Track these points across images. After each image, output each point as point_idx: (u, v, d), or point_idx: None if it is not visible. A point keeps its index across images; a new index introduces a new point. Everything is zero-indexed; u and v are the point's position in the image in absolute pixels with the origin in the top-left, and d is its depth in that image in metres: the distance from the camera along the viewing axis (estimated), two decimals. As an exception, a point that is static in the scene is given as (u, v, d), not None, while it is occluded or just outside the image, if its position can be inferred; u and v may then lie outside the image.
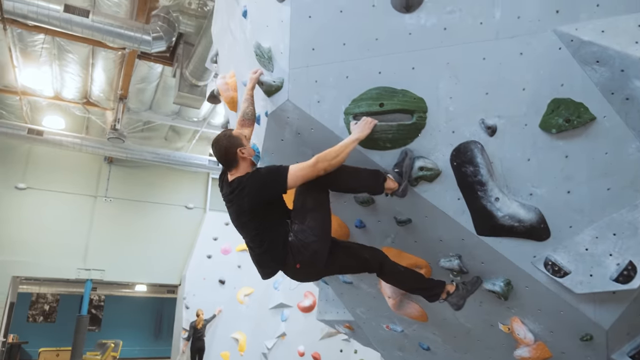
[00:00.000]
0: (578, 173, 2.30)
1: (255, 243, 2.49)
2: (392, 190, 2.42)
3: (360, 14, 2.45)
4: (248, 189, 2.39)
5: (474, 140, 2.38)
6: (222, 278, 12.23)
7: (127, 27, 6.18)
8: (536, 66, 2.27)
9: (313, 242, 2.40)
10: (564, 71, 2.24)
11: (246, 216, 2.45)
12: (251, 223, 2.45)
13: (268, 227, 2.44)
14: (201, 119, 11.11)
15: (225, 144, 2.56)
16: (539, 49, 2.26)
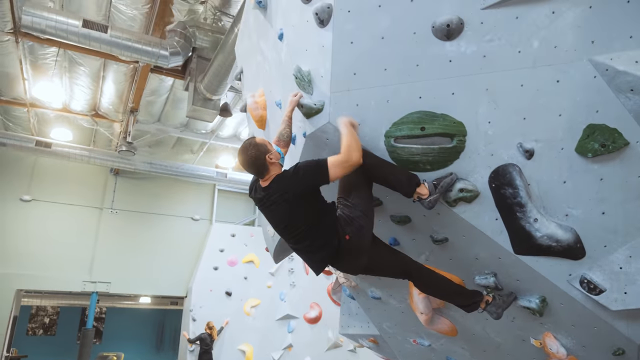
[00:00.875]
0: (612, 195, 2.40)
1: (307, 235, 2.55)
2: (422, 196, 2.51)
3: (402, 41, 2.56)
4: (291, 184, 2.50)
5: (512, 163, 2.48)
6: (229, 290, 12.24)
7: (144, 42, 6.29)
8: (572, 93, 2.38)
9: (358, 216, 2.52)
10: (599, 98, 2.35)
11: (294, 206, 2.51)
12: (299, 220, 2.53)
13: (317, 215, 2.53)
14: (209, 131, 11.21)
15: (253, 153, 2.63)
16: (575, 77, 2.37)
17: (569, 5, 2.34)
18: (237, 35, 5.92)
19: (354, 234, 2.51)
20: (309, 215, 2.54)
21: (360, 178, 2.61)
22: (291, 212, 2.54)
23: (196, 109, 7.49)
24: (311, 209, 2.55)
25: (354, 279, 3.72)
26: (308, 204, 2.54)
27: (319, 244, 2.55)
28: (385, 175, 2.54)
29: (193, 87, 7.44)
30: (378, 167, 2.54)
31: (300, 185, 2.51)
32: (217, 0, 6.83)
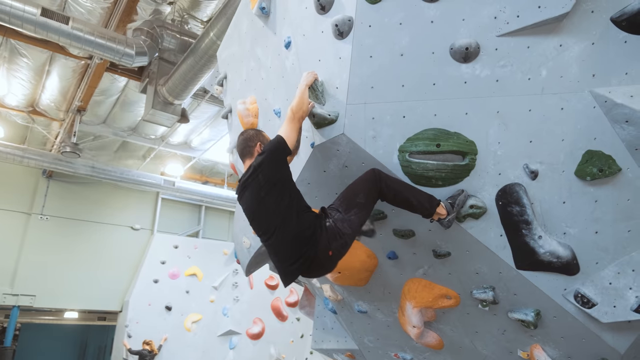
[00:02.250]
0: (605, 216, 2.61)
1: (278, 229, 2.44)
2: (441, 216, 2.57)
3: (420, 59, 2.64)
4: (259, 165, 2.49)
5: (518, 182, 2.63)
6: (169, 304, 11.63)
7: (109, 38, 5.91)
8: (574, 120, 2.58)
9: (348, 235, 2.49)
10: (597, 127, 2.57)
11: (265, 189, 2.45)
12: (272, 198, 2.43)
13: (292, 206, 2.45)
14: (158, 136, 10.73)
15: (252, 134, 2.76)
16: (577, 106, 2.57)
17: (575, 41, 2.55)
18: (211, 40, 5.79)
19: (336, 251, 2.49)
20: (282, 209, 2.44)
21: (369, 198, 2.56)
22: (261, 193, 2.46)
23: (155, 112, 7.14)
24: (285, 203, 2.44)
25: (341, 293, 3.70)
26: (280, 196, 2.45)
27: (293, 253, 2.44)
28: (407, 198, 2.54)
29: (153, 90, 7.11)
30: (401, 192, 2.54)
31: (270, 158, 2.47)
32: (186, 3, 6.63)
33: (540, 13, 2.50)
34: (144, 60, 6.34)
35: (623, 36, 2.53)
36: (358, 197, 2.55)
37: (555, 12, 2.47)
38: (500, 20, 2.56)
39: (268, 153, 2.52)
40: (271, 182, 2.47)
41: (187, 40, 6.69)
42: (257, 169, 2.51)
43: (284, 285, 2.66)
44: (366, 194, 2.55)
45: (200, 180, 13.27)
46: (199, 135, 10.79)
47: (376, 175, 2.54)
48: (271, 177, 2.47)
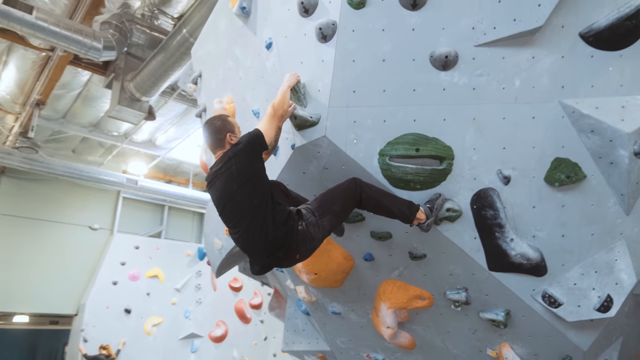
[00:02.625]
0: (571, 220, 2.76)
1: (251, 220, 2.41)
2: (420, 221, 2.64)
3: (401, 65, 2.70)
4: (234, 155, 2.44)
5: (492, 187, 2.74)
6: (128, 307, 11.25)
7: (75, 30, 5.67)
8: (544, 129, 2.72)
9: (318, 239, 2.52)
10: (565, 136, 2.71)
11: (238, 182, 2.41)
12: (244, 192, 2.40)
13: (265, 202, 2.43)
14: (122, 134, 10.39)
15: (218, 125, 2.62)
16: (547, 115, 2.71)
17: (546, 53, 2.68)
18: (183, 37, 5.68)
19: (303, 255, 2.53)
20: (254, 207, 2.40)
21: (345, 208, 2.58)
22: (233, 186, 2.42)
23: (121, 109, 6.92)
24: (256, 201, 2.41)
25: (315, 295, 3.72)
26: (253, 193, 2.42)
27: (262, 251, 2.45)
28: (388, 207, 2.58)
29: (119, 86, 6.88)
30: (381, 201, 2.58)
31: (246, 151, 2.45)
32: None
33: (516, 26, 2.61)
34: (111, 55, 6.13)
35: (590, 51, 2.69)
36: (335, 204, 2.57)
37: (529, 25, 2.59)
38: (478, 31, 2.65)
39: (245, 145, 2.48)
40: (245, 176, 2.43)
41: (157, 36, 6.53)
42: (231, 159, 2.46)
43: (252, 273, 2.64)
44: (343, 204, 2.57)
45: (164, 179, 12.95)
46: (165, 133, 10.53)
47: (357, 186, 2.56)
48: (245, 171, 2.44)
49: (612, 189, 2.73)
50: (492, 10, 2.63)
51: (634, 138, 2.61)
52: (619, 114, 2.65)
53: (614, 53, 2.70)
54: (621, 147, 2.62)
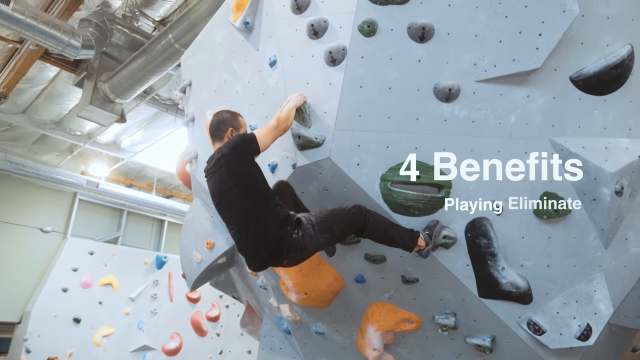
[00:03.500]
0: (556, 251, 2.91)
1: (245, 220, 2.42)
2: (420, 248, 2.70)
3: (407, 94, 2.79)
4: (223, 156, 2.45)
5: (485, 217, 2.85)
6: (78, 316, 10.66)
7: (53, 26, 5.40)
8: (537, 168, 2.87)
9: (308, 251, 2.56)
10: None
11: (229, 184, 2.42)
12: (236, 193, 2.41)
13: (259, 203, 2.44)
14: (85, 134, 9.95)
15: (226, 117, 2.65)
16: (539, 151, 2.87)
17: (540, 93, 2.85)
18: (168, 42, 5.58)
19: (290, 262, 2.59)
20: (247, 206, 2.42)
21: (344, 232, 2.62)
22: (224, 187, 2.44)
23: (93, 109, 6.64)
24: (250, 201, 2.42)
25: (299, 314, 3.69)
26: (246, 193, 2.43)
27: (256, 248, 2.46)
28: (391, 237, 2.64)
29: (92, 86, 6.61)
30: (385, 230, 2.63)
31: (234, 152, 2.44)
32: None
33: (515, 66, 2.76)
34: (89, 54, 5.88)
35: (578, 94, 2.88)
36: (336, 225, 2.59)
37: (528, 66, 2.75)
38: (479, 67, 2.78)
39: (232, 147, 2.45)
40: (235, 178, 2.43)
41: (137, 38, 6.35)
42: (219, 160, 2.47)
43: (249, 269, 2.68)
44: (343, 227, 2.60)
45: (125, 183, 12.47)
46: (131, 136, 10.19)
47: (362, 214, 2.59)
48: (234, 173, 2.43)
49: (593, 223, 2.91)
50: (493, 49, 2.77)
51: (616, 178, 2.80)
52: (603, 155, 2.85)
53: (599, 97, 2.90)
54: (604, 186, 2.81)
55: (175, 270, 12.63)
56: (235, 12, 3.46)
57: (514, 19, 2.75)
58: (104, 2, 6.37)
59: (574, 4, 2.68)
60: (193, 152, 4.16)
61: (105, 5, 6.41)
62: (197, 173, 4.14)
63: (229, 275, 5.32)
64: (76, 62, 7.41)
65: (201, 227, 4.32)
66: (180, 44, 5.40)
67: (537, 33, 2.73)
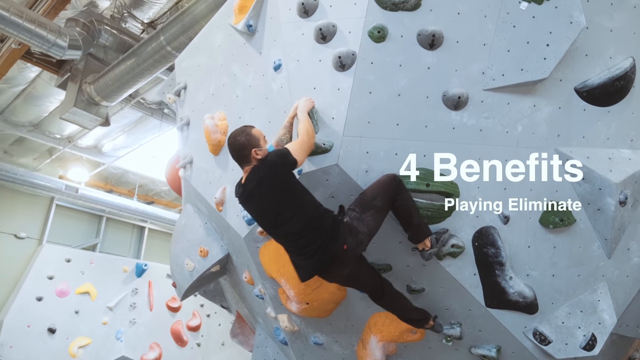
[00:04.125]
0: (561, 261, 2.92)
1: (300, 232, 2.48)
2: (423, 247, 2.69)
3: (416, 101, 2.76)
4: (266, 175, 2.49)
5: (493, 226, 2.83)
6: (53, 326, 10.25)
7: (39, 24, 5.20)
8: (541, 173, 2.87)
9: (363, 232, 2.53)
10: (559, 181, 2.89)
11: (276, 202, 2.47)
12: (285, 209, 2.47)
13: (308, 212, 2.50)
14: (65, 137, 9.65)
15: (242, 142, 2.59)
16: (544, 161, 2.88)
17: (546, 103, 2.86)
18: (160, 44, 5.46)
19: (351, 247, 2.52)
20: (293, 206, 2.49)
21: (385, 203, 2.63)
22: (271, 200, 2.49)
23: (77, 111, 6.42)
24: (296, 201, 2.50)
25: (298, 324, 3.60)
26: (290, 194, 2.50)
27: (314, 247, 2.48)
28: (412, 214, 2.66)
29: (77, 87, 6.41)
30: (410, 206, 2.65)
31: (272, 172, 2.49)
32: (129, 0, 6.18)
33: (522, 75, 2.77)
34: (76, 55, 5.69)
35: (583, 105, 2.91)
36: (375, 200, 2.61)
37: (535, 76, 2.76)
38: (487, 76, 2.78)
39: (271, 167, 2.49)
40: (280, 195, 2.49)
41: (125, 39, 6.18)
42: (261, 182, 2.50)
43: (301, 280, 2.65)
44: (384, 198, 2.62)
45: (105, 188, 12.12)
46: (113, 140, 9.92)
47: (396, 183, 2.62)
48: (279, 190, 2.49)
49: (597, 233, 2.93)
50: (502, 58, 2.78)
51: (620, 188, 2.83)
52: (607, 165, 2.88)
53: (603, 109, 2.94)
54: (609, 196, 2.83)
55: (155, 278, 12.33)
56: (237, 14, 3.38)
57: (522, 29, 2.76)
58: (90, 2, 6.21)
59: (580, 16, 2.71)
60: (187, 157, 4.05)
61: (92, 5, 6.24)
62: (192, 178, 4.03)
63: (219, 284, 5.18)
64: (59, 63, 7.18)
65: (194, 234, 4.19)
66: (173, 46, 5.28)
67: (544, 43, 2.74)
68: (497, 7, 2.76)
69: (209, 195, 3.76)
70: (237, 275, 4.13)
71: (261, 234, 3.25)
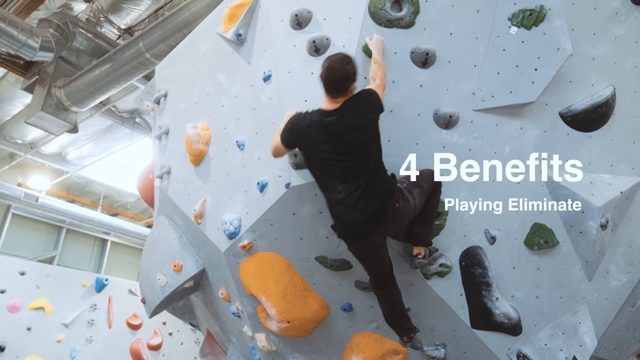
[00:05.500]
0: (544, 283, 2.94)
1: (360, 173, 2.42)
2: (418, 253, 2.68)
3: (407, 118, 2.76)
4: (366, 113, 2.44)
5: (480, 246, 2.83)
6: (2, 343, 9.58)
7: (10, 23, 4.94)
8: (526, 195, 2.91)
9: (410, 203, 2.51)
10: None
11: (362, 141, 2.43)
12: (368, 148, 2.44)
13: (378, 156, 2.49)
14: (27, 142, 9.20)
15: (351, 72, 2.45)
16: (530, 183, 2.91)
17: (532, 126, 2.91)
18: (138, 50, 5.31)
19: (401, 209, 2.48)
20: (374, 153, 2.47)
21: (429, 189, 2.64)
22: (355, 138, 2.43)
23: (43, 116, 6.12)
24: (374, 147, 2.49)
25: (276, 344, 3.46)
26: (374, 137, 2.49)
27: (371, 198, 2.42)
28: (433, 213, 2.68)
29: (45, 91, 6.12)
30: (435, 206, 2.68)
31: (374, 110, 2.47)
32: (106, 3, 6.01)
33: (511, 97, 2.81)
34: (47, 57, 5.44)
35: (567, 129, 2.97)
36: (422, 182, 2.63)
37: (524, 99, 2.81)
38: (477, 96, 2.81)
39: (372, 107, 2.46)
40: (368, 132, 2.46)
41: (100, 44, 5.98)
42: (359, 118, 2.43)
43: (348, 244, 2.57)
44: (428, 184, 2.64)
45: (67, 198, 11.58)
46: (79, 148, 9.53)
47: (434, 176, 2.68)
48: (367, 129, 2.46)
49: (579, 256, 2.97)
50: (491, 80, 2.82)
51: (602, 212, 2.89)
52: (589, 189, 2.94)
53: (585, 134, 3.01)
54: (591, 219, 2.88)
55: (116, 293, 11.78)
56: (226, 23, 3.31)
57: (511, 52, 2.82)
58: (65, 4, 5.99)
59: (567, 43, 2.79)
60: (165, 166, 3.89)
61: (66, 7, 6.03)
62: (169, 189, 3.86)
63: (189, 300, 4.97)
64: (26, 65, 6.87)
65: (168, 247, 4.01)
66: (152, 53, 5.13)
67: (533, 67, 2.80)
68: (488, 29, 2.81)
69: (187, 207, 3.61)
70: (212, 292, 3.96)
71: (243, 248, 3.13)
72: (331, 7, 2.86)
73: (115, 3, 5.98)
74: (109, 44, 6.06)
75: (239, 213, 3.15)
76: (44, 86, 6.26)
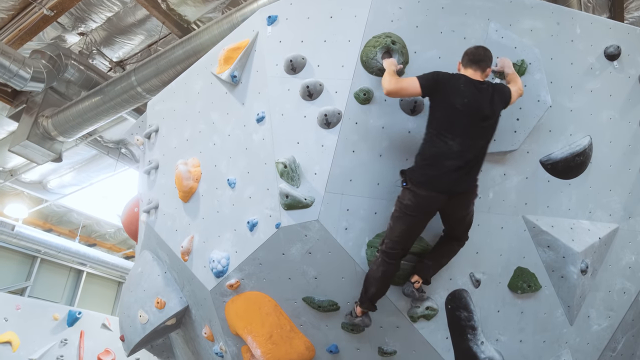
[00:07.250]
0: (527, 326, 2.98)
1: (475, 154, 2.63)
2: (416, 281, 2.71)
3: (396, 163, 2.84)
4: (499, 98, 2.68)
5: (465, 289, 2.88)
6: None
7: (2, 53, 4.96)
8: (510, 239, 2.99)
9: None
10: (526, 248, 3.01)
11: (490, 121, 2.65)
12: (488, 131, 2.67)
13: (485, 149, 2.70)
14: (7, 170, 9.04)
15: (490, 57, 2.75)
16: (513, 227, 3.00)
17: (514, 173, 3.03)
18: (130, 84, 5.38)
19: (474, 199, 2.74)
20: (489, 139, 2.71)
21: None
22: (494, 124, 2.69)
23: (28, 145, 6.06)
24: (492, 135, 2.72)
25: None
26: (495, 125, 2.72)
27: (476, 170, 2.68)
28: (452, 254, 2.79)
29: (32, 120, 6.09)
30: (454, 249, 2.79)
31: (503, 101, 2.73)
32: (100, 37, 6.10)
33: (495, 145, 2.93)
34: (38, 87, 5.45)
35: (547, 176, 3.10)
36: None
37: (507, 147, 2.94)
38: (463, 143, 2.92)
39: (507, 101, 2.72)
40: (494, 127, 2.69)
41: (92, 76, 6.03)
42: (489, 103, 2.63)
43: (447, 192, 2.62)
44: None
45: (44, 227, 11.30)
46: (61, 177, 9.39)
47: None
48: (495, 125, 2.69)
49: (560, 300, 3.04)
50: (476, 127, 2.94)
51: (582, 257, 2.98)
52: (570, 234, 3.04)
53: (565, 181, 3.14)
54: (572, 264, 2.98)
55: (88, 328, 11.34)
56: (222, 64, 3.41)
57: (495, 102, 2.96)
58: (58, 37, 6.07)
59: (547, 96, 2.96)
60: (153, 201, 3.88)
61: (60, 39, 6.10)
62: (156, 224, 3.84)
63: (168, 338, 4.84)
64: (14, 93, 6.85)
65: (151, 283, 3.94)
66: (144, 87, 5.20)
67: (515, 117, 2.95)
68: (473, 80, 2.96)
69: (174, 243, 3.59)
70: (195, 330, 3.89)
71: (230, 287, 3.11)
72: (325, 55, 2.98)
73: (108, 37, 6.08)
74: (100, 76, 6.12)
75: (227, 251, 3.14)
76: (31, 115, 6.23)
